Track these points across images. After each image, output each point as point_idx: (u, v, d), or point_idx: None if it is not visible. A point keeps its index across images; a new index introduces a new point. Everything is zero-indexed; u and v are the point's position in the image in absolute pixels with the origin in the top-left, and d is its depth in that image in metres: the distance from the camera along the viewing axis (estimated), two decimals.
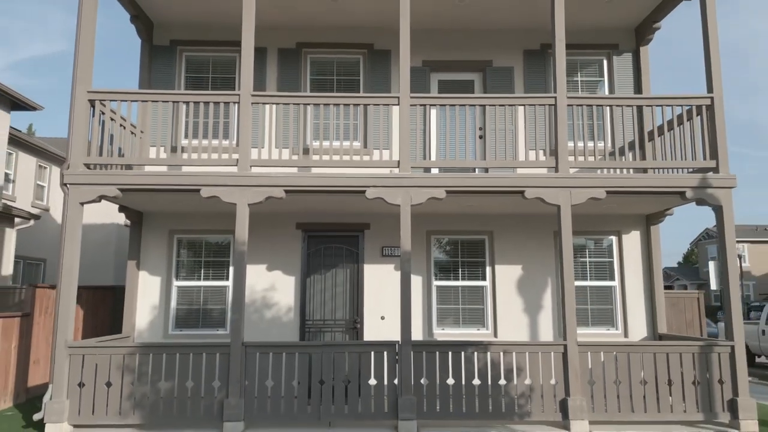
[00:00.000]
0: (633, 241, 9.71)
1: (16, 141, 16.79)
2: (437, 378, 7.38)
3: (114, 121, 8.16)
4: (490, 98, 8.07)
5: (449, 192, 7.76)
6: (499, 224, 9.65)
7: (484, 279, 9.60)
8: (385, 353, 7.41)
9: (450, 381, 7.40)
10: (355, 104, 8.01)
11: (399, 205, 7.65)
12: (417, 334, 9.07)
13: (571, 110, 8.27)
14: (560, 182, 7.77)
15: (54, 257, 18.40)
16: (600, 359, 7.52)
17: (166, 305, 9.32)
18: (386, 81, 9.93)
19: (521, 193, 7.80)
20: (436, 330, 9.37)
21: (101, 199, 7.74)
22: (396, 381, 7.32)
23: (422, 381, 7.38)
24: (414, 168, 7.96)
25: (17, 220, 14.56)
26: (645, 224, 9.75)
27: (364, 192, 7.69)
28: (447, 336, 9.21)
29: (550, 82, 9.65)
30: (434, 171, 9.15)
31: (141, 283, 9.33)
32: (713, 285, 21.00)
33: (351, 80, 10.12)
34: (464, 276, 9.63)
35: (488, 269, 9.60)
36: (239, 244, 7.52)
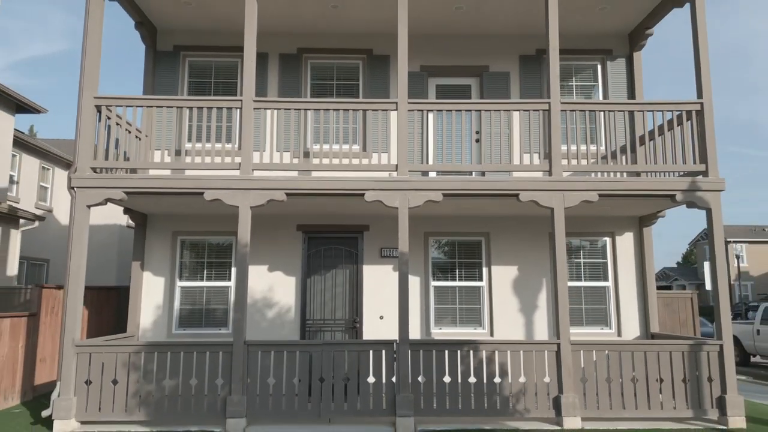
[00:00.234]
0: (626, 243, 9.93)
1: (20, 143, 16.91)
2: (434, 376, 7.59)
3: (120, 126, 8.36)
4: (486, 103, 8.26)
5: (446, 195, 7.97)
6: (496, 226, 9.86)
7: (481, 279, 9.81)
8: (384, 352, 7.62)
9: (446, 379, 7.61)
10: (354, 110, 8.21)
11: (397, 208, 7.87)
12: (415, 334, 9.29)
13: (565, 115, 8.48)
14: (553, 185, 7.99)
15: (57, 258, 18.62)
16: (592, 358, 7.73)
17: (170, 305, 9.54)
18: (385, 85, 10.14)
19: (516, 196, 8.01)
20: (434, 329, 9.59)
21: (107, 202, 7.96)
22: (394, 379, 7.52)
23: (419, 379, 7.58)
24: (412, 171, 8.16)
25: (22, 222, 14.76)
26: (638, 226, 9.97)
27: (363, 195, 7.90)
28: (444, 335, 9.43)
29: (545, 87, 9.85)
30: (432, 174, 9.36)
31: (145, 284, 9.55)
32: (708, 285, 21.17)
33: (351, 84, 10.33)
34: (461, 276, 9.85)
35: (485, 270, 9.82)
36: (241, 246, 7.73)
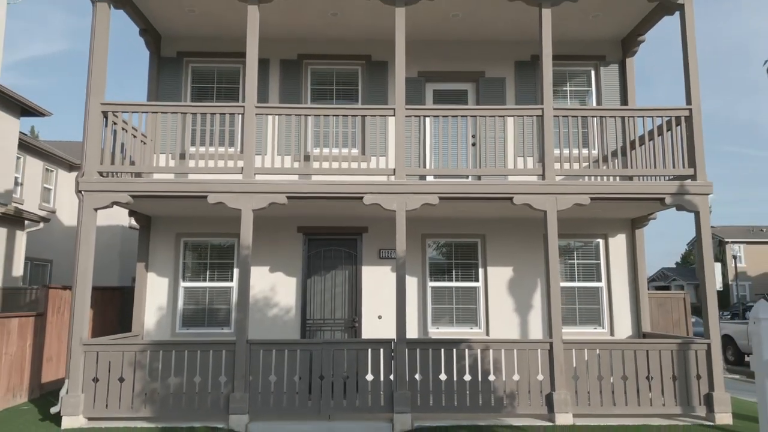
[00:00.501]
0: (619, 244, 10.17)
1: (24, 145, 17.10)
2: (431, 374, 7.83)
3: (125, 131, 8.60)
4: (481, 109, 8.50)
5: (442, 198, 8.21)
6: (491, 228, 10.11)
7: (477, 280, 10.05)
8: (382, 350, 7.85)
9: (443, 377, 7.84)
10: (353, 115, 8.44)
11: (395, 211, 8.11)
12: (413, 333, 9.54)
13: (558, 120, 8.72)
14: (546, 189, 8.23)
15: (60, 258, 18.85)
16: (584, 356, 7.97)
17: (174, 305, 9.78)
18: (383, 90, 10.37)
19: (510, 200, 8.25)
20: (431, 329, 9.83)
21: (114, 205, 8.20)
22: (392, 377, 7.76)
23: (416, 377, 7.83)
24: (409, 175, 8.40)
25: (27, 223, 14.98)
26: (630, 228, 10.21)
27: (362, 198, 8.14)
28: (441, 334, 9.66)
29: (540, 92, 9.99)
30: (429, 178, 9.59)
31: (149, 284, 9.79)
32: None
33: (350, 89, 10.57)
34: (458, 277, 10.09)
35: (481, 271, 10.06)
36: (244, 248, 7.97)
